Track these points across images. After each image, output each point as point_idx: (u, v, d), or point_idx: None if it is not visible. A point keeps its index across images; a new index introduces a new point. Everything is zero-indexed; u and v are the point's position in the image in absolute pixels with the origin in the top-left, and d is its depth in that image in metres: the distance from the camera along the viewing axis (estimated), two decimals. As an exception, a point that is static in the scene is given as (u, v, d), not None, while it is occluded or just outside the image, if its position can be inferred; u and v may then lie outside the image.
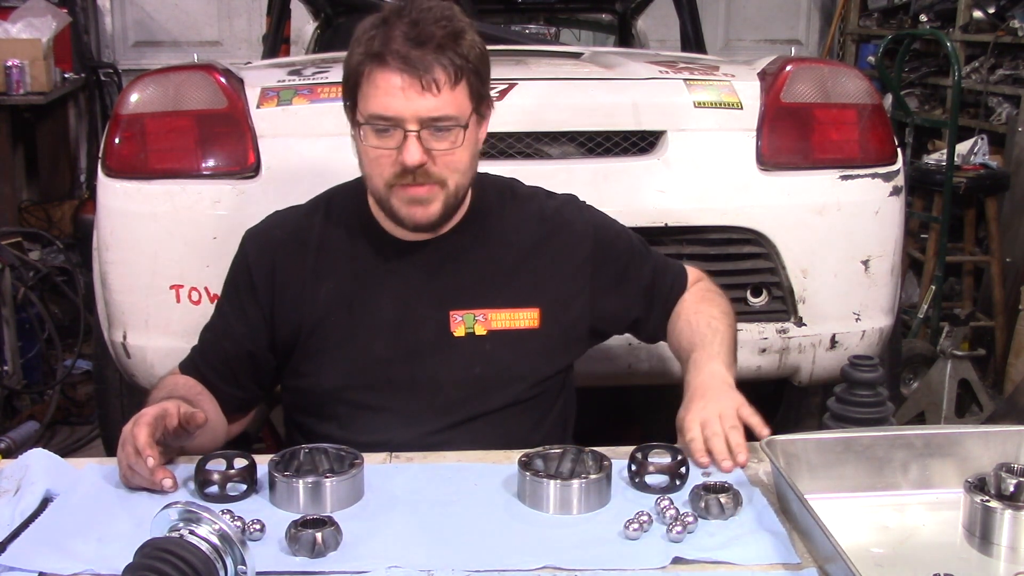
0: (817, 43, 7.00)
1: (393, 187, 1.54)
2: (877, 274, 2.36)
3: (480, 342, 1.65)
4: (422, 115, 1.49)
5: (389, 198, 1.56)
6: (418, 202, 1.55)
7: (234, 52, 6.41)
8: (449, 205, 1.58)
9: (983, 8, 4.92)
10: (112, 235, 2.25)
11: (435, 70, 1.48)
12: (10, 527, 1.30)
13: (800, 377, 2.40)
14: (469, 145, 1.55)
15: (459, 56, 1.50)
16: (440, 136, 1.51)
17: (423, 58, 1.47)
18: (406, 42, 1.48)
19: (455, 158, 1.54)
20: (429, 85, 1.47)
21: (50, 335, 3.91)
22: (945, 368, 3.60)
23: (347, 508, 1.36)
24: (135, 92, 2.28)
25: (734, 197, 2.31)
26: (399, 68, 1.47)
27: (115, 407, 2.57)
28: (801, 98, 2.37)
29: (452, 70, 1.49)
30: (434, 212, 1.56)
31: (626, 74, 2.46)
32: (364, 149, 1.55)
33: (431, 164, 1.52)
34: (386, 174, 1.53)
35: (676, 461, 1.42)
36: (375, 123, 1.51)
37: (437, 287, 1.65)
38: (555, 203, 1.76)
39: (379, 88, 1.49)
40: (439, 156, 1.52)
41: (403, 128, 1.49)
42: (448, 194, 1.56)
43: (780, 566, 1.22)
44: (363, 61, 1.51)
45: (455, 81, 1.50)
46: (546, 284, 1.69)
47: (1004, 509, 1.26)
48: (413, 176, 1.52)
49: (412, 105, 1.48)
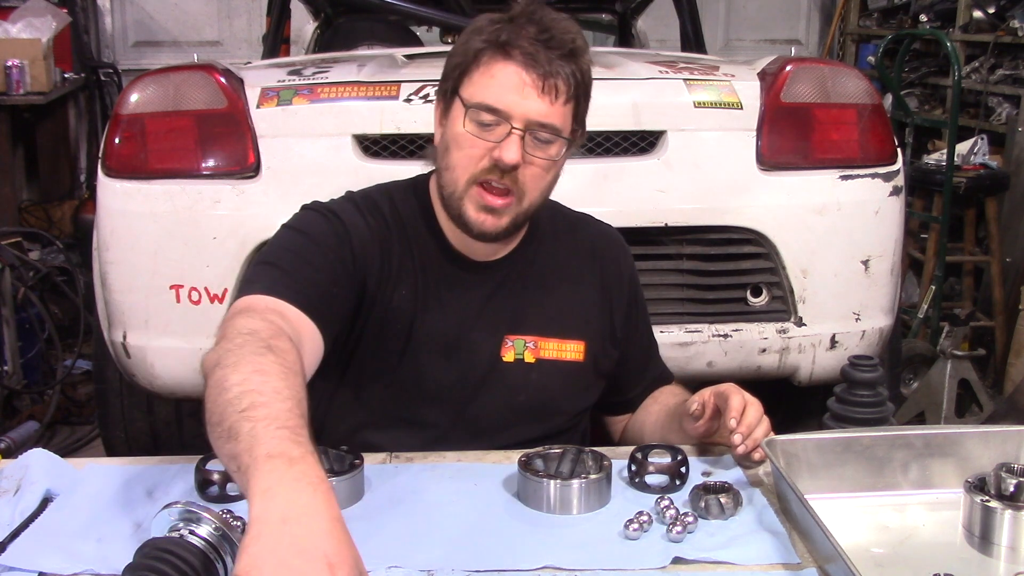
0: (817, 43, 7.00)
1: (473, 186, 1.48)
2: (877, 274, 2.36)
3: (527, 370, 1.61)
4: (532, 117, 1.44)
5: (464, 198, 1.49)
6: (491, 211, 1.49)
7: (234, 52, 6.42)
8: (518, 223, 1.53)
9: (983, 8, 4.92)
10: (112, 235, 2.25)
11: (558, 76, 1.43)
12: (10, 527, 1.29)
13: (800, 377, 2.40)
14: (556, 166, 1.51)
15: (580, 72, 1.46)
16: (540, 145, 1.46)
17: (551, 61, 1.43)
18: (536, 42, 1.43)
19: (541, 175, 1.49)
20: (550, 89, 1.43)
21: (50, 335, 3.90)
22: (945, 368, 3.60)
23: (347, 508, 1.35)
24: (135, 92, 2.29)
25: (734, 197, 2.31)
26: (523, 64, 1.43)
27: (115, 407, 2.58)
28: (801, 98, 2.37)
29: (572, 82, 1.45)
30: (503, 225, 1.50)
31: (626, 74, 2.46)
32: (457, 135, 1.47)
33: (521, 171, 1.46)
34: (475, 168, 1.46)
35: (676, 461, 1.42)
36: (482, 113, 1.44)
37: (494, 309, 1.60)
38: (603, 237, 1.73)
39: (495, 78, 1.44)
40: (531, 166, 1.47)
41: (509, 124, 1.43)
42: (520, 211, 1.51)
43: (780, 566, 1.22)
44: (484, 49, 1.45)
45: (570, 94, 1.46)
46: (592, 318, 1.66)
47: (1004, 509, 1.26)
48: (500, 175, 1.46)
49: (527, 104, 1.43)
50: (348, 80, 2.35)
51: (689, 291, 2.36)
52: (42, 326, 3.89)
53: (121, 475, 1.45)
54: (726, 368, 2.35)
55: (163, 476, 1.45)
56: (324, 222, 1.52)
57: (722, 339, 2.33)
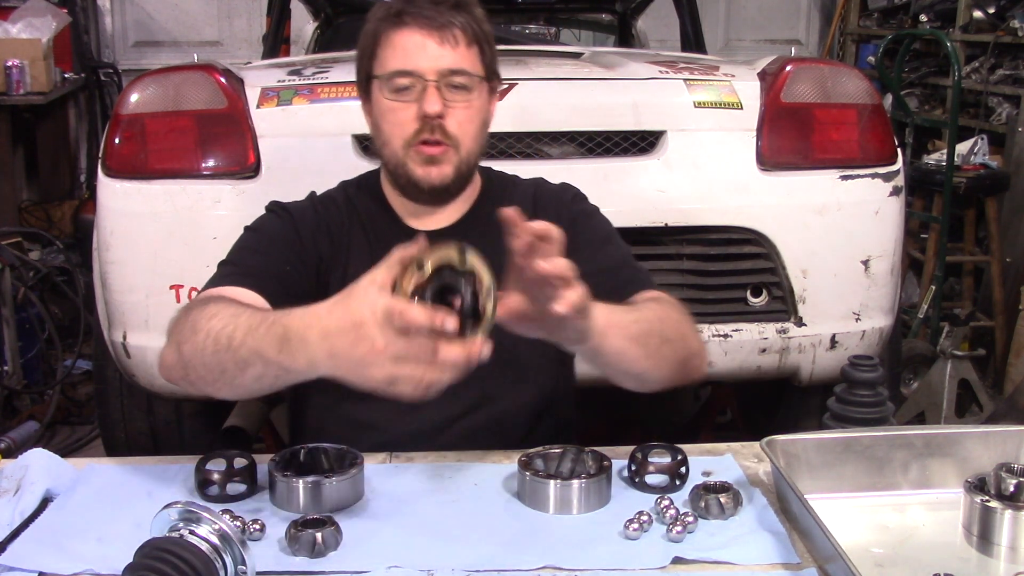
0: (817, 43, 7.00)
1: (410, 148, 1.56)
2: (877, 274, 2.36)
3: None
4: (441, 66, 1.53)
5: (406, 160, 1.57)
6: (433, 161, 1.56)
7: (234, 52, 6.42)
8: (461, 173, 1.59)
9: (983, 8, 4.92)
10: (112, 235, 2.26)
11: (453, 26, 1.54)
12: (10, 527, 1.30)
13: (800, 377, 2.40)
14: (481, 111, 1.59)
15: (474, 20, 1.56)
16: (457, 91, 1.54)
17: (442, 14, 1.53)
18: (423, 4, 1.54)
19: (468, 118, 1.56)
20: (447, 39, 1.53)
21: (50, 335, 3.91)
22: (945, 368, 3.60)
23: (347, 508, 1.36)
24: (135, 92, 2.29)
25: (734, 197, 2.32)
26: (419, 25, 1.53)
27: (115, 407, 2.57)
28: (801, 98, 2.37)
29: (469, 30, 1.55)
30: (448, 173, 1.57)
31: (626, 74, 2.46)
32: (382, 110, 1.58)
33: (447, 120, 1.54)
34: (406, 132, 1.55)
35: (676, 461, 1.42)
36: (395, 79, 1.54)
37: None
38: (545, 190, 1.76)
39: (397, 46, 1.54)
40: (455, 112, 1.54)
41: (423, 79, 1.53)
42: (460, 160, 1.58)
43: (780, 566, 1.22)
44: (380, 26, 1.56)
45: (470, 41, 1.55)
46: None
47: (1004, 509, 1.26)
48: (431, 130, 1.54)
49: (432, 56, 1.53)
50: (348, 80, 2.34)
51: (689, 291, 2.36)
52: (42, 326, 3.90)
53: (121, 475, 1.45)
54: (726, 368, 2.36)
55: (163, 476, 1.45)
56: (274, 217, 1.66)
57: (722, 339, 2.33)
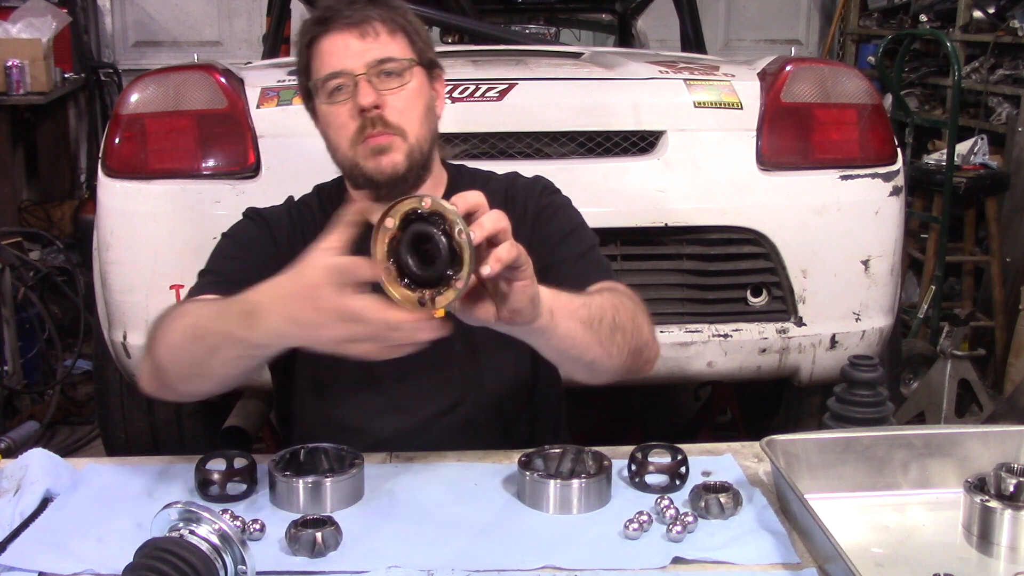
0: (817, 43, 7.00)
1: (358, 145, 1.55)
2: (877, 274, 2.36)
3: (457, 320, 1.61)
4: (368, 60, 1.53)
5: (356, 159, 1.56)
6: (381, 151, 1.55)
7: (234, 52, 6.41)
8: (414, 159, 1.57)
9: (983, 8, 4.92)
10: (112, 235, 2.26)
11: (372, 19, 1.55)
12: (10, 527, 1.30)
13: (800, 377, 2.40)
14: (421, 94, 1.58)
15: (391, 11, 1.57)
16: (388, 79, 1.54)
17: (357, 12, 1.55)
18: (340, 5, 1.56)
19: (409, 104, 1.56)
20: (367, 32, 1.54)
21: (50, 335, 3.91)
22: (945, 368, 3.60)
23: (347, 508, 1.36)
24: (135, 92, 2.29)
25: (734, 197, 2.31)
26: (339, 28, 1.55)
27: (115, 407, 2.57)
28: (801, 98, 2.37)
29: (388, 20, 1.56)
30: (399, 161, 1.55)
31: (626, 74, 2.46)
32: (325, 116, 1.58)
33: (387, 111, 1.54)
34: (349, 132, 1.55)
35: (676, 461, 1.42)
36: (328, 83, 1.55)
37: None
38: (515, 184, 1.74)
39: (324, 52, 1.56)
40: (392, 99, 1.54)
41: (352, 75, 1.53)
42: (410, 147, 1.56)
43: (780, 566, 1.22)
44: (306, 38, 1.58)
45: (392, 30, 1.56)
46: None
47: (1004, 509, 1.26)
48: (372, 123, 1.54)
49: (355, 53, 1.54)
50: (348, 80, 2.35)
51: (689, 291, 2.36)
52: (42, 326, 3.89)
53: (121, 475, 1.45)
54: (726, 368, 2.36)
55: (163, 476, 1.45)
56: (250, 223, 1.69)
57: (722, 339, 2.33)
